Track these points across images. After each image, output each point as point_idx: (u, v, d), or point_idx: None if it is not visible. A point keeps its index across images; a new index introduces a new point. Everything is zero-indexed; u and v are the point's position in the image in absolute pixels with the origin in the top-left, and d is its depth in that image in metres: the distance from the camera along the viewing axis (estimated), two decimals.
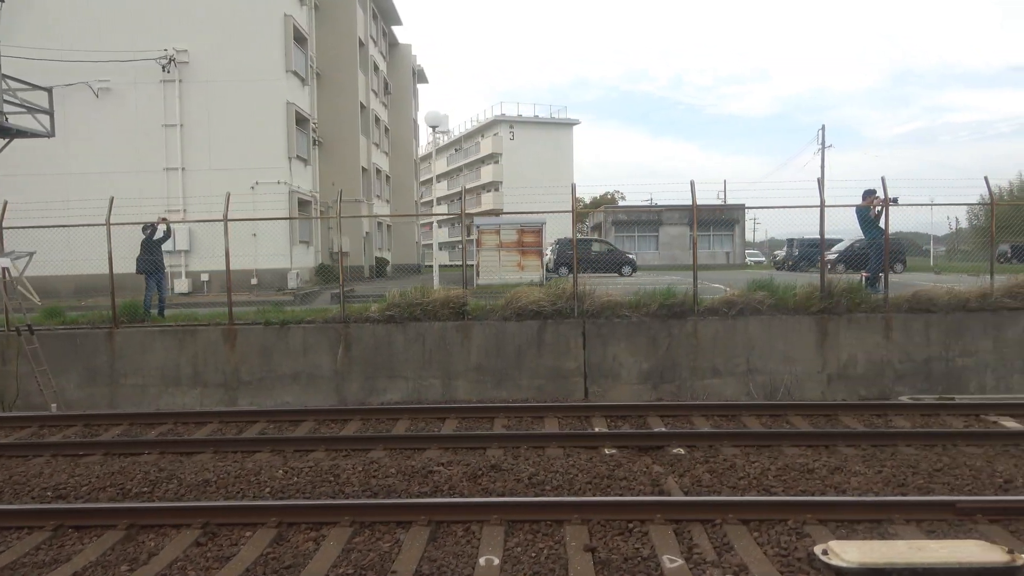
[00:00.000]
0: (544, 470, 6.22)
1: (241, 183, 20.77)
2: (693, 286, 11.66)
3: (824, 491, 5.61)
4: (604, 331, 11.41)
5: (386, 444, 7.21)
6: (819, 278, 11.74)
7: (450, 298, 11.66)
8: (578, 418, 8.36)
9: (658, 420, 8.16)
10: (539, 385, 11.43)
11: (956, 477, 5.85)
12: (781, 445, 6.87)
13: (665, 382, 11.32)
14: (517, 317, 11.54)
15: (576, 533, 4.87)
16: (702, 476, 6.00)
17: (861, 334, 11.25)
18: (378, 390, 11.63)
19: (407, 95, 45.04)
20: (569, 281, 11.90)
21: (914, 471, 5.99)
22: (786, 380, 11.19)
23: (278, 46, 21.49)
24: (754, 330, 11.30)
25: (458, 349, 11.55)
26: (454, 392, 11.51)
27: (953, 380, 11.30)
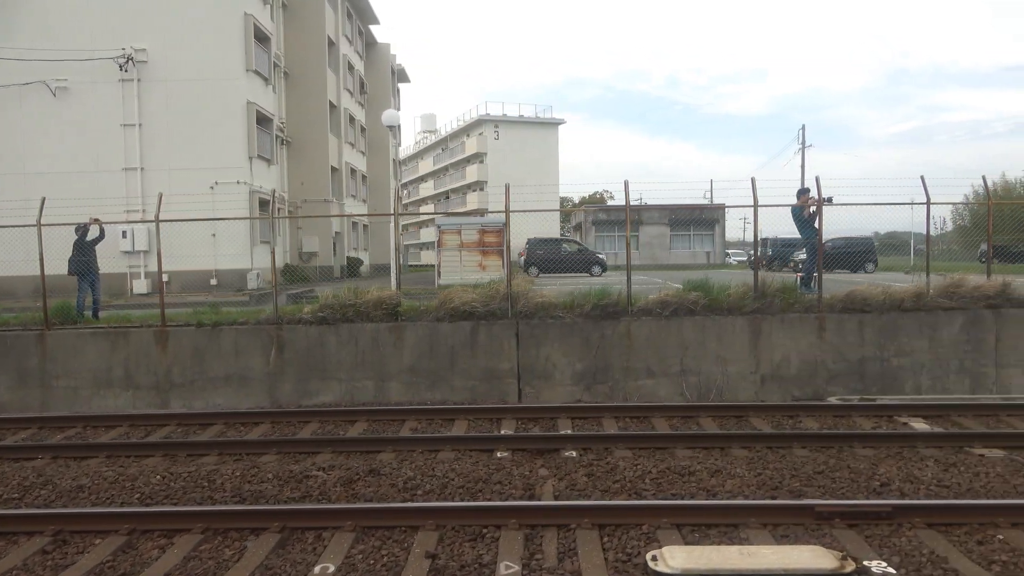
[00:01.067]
0: (423, 474, 6.13)
1: (201, 183, 20.67)
2: (626, 287, 11.58)
3: (695, 494, 5.53)
4: (538, 332, 11.31)
5: (280, 448, 7.11)
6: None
7: (383, 299, 11.54)
8: (489, 420, 8.28)
9: (568, 422, 8.09)
10: (472, 386, 11.32)
11: (834, 480, 5.78)
12: (675, 447, 6.79)
13: (598, 383, 11.23)
14: (450, 318, 11.43)
15: (425, 539, 4.78)
16: (579, 479, 5.91)
17: (794, 334, 11.18)
18: (311, 392, 11.51)
19: (386, 95, 44.85)
20: (503, 281, 11.81)
21: (794, 474, 5.91)
22: (719, 381, 11.11)
23: (238, 45, 21.33)
24: (688, 331, 11.22)
25: (391, 350, 11.43)
26: (387, 394, 11.39)
27: (888, 380, 11.24)
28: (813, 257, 12.16)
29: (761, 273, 12.50)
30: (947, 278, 11.80)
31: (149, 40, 20.93)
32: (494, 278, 20.39)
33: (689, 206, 47.31)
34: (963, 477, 5.80)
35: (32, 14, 20.83)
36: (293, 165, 28.53)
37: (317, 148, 28.63)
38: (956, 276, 11.84)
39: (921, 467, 6.05)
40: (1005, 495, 5.43)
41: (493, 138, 70.99)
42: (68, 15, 20.90)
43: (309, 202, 28.24)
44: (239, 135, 21.54)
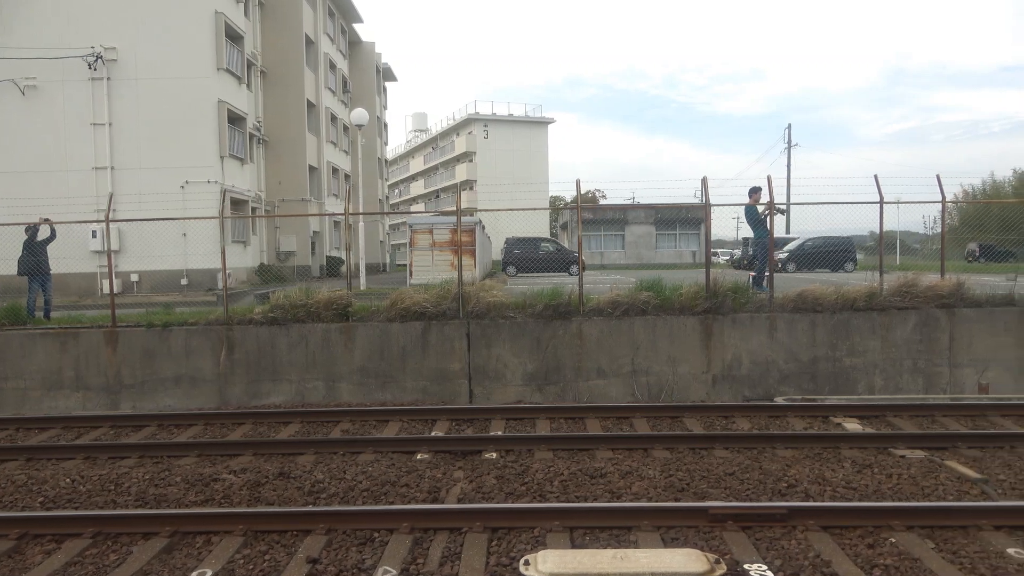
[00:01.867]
0: (333, 477, 6.06)
1: (171, 182, 20.58)
2: (578, 287, 11.53)
3: (599, 496, 5.47)
4: (489, 332, 11.25)
5: (201, 450, 7.03)
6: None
7: (333, 299, 11.46)
8: (423, 422, 8.22)
9: (502, 424, 8.03)
10: (424, 387, 11.25)
11: (743, 482, 5.73)
12: (598, 449, 6.74)
13: (550, 383, 11.17)
14: (401, 318, 11.36)
15: (313, 544, 4.71)
16: (488, 482, 5.85)
17: (746, 334, 11.14)
18: (261, 393, 11.43)
19: (370, 93, 44.75)
20: (454, 281, 11.75)
21: (705, 476, 5.86)
22: (670, 381, 11.07)
23: (208, 44, 21.20)
24: (639, 331, 11.17)
25: (342, 351, 11.36)
26: (338, 395, 11.32)
27: (841, 381, 11.21)
28: (764, 256, 12.11)
29: (716, 272, 12.49)
30: (901, 278, 11.77)
31: (119, 39, 20.79)
32: (466, 277, 20.41)
33: (674, 205, 47.23)
34: (875, 479, 5.75)
35: (0, 13, 20.69)
36: (271, 164, 28.42)
37: (295, 147, 28.53)
38: (910, 276, 11.81)
39: (835, 469, 6.00)
40: (911, 497, 5.38)
41: (482, 137, 70.90)
42: (37, 14, 20.76)
43: (287, 201, 28.14)
44: (210, 134, 21.41)
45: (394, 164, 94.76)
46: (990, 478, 5.75)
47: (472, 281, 19.60)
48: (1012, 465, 6.06)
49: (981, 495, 5.43)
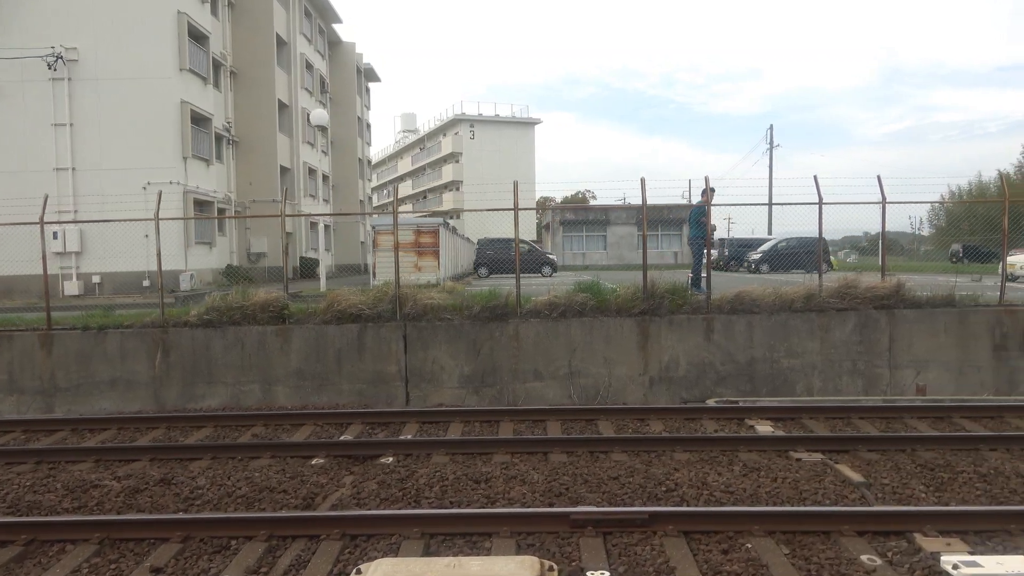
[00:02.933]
0: (214, 484, 5.98)
1: (133, 183, 20.42)
2: (516, 288, 11.46)
3: (474, 501, 5.40)
4: (425, 334, 11.17)
5: (99, 456, 6.94)
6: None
7: (269, 301, 11.37)
8: (335, 425, 8.15)
9: (415, 427, 7.96)
10: (360, 390, 11.16)
11: (624, 486, 5.67)
12: (495, 452, 6.67)
13: (486, 386, 11.10)
14: (337, 321, 11.27)
15: (166, 552, 4.64)
16: (368, 487, 5.77)
17: (682, 335, 11.09)
18: (197, 396, 11.32)
19: (351, 94, 44.66)
20: (391, 283, 11.67)
21: (587, 480, 5.80)
22: (607, 383, 11.01)
23: (170, 44, 21.05)
24: (576, 332, 11.10)
25: (278, 354, 11.26)
26: (274, 397, 11.22)
27: (779, 382, 11.16)
28: (700, 257, 12.06)
29: (668, 273, 12.45)
30: (840, 279, 11.73)
31: (80, 39, 20.64)
32: (430, 279, 20.34)
33: (657, 206, 47.27)
34: (758, 482, 5.70)
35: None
36: (242, 165, 28.29)
37: (266, 148, 28.40)
38: (849, 276, 11.77)
39: (722, 472, 5.94)
40: (788, 501, 5.33)
41: (468, 138, 70.90)
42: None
43: (258, 202, 28.01)
44: (172, 135, 21.27)
45: (383, 165, 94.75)
46: (874, 482, 5.70)
47: (438, 282, 19.60)
48: (902, 468, 6.01)
49: (860, 499, 5.38)
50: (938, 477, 5.75)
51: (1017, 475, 5.75)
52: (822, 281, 11.67)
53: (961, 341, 11.46)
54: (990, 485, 5.58)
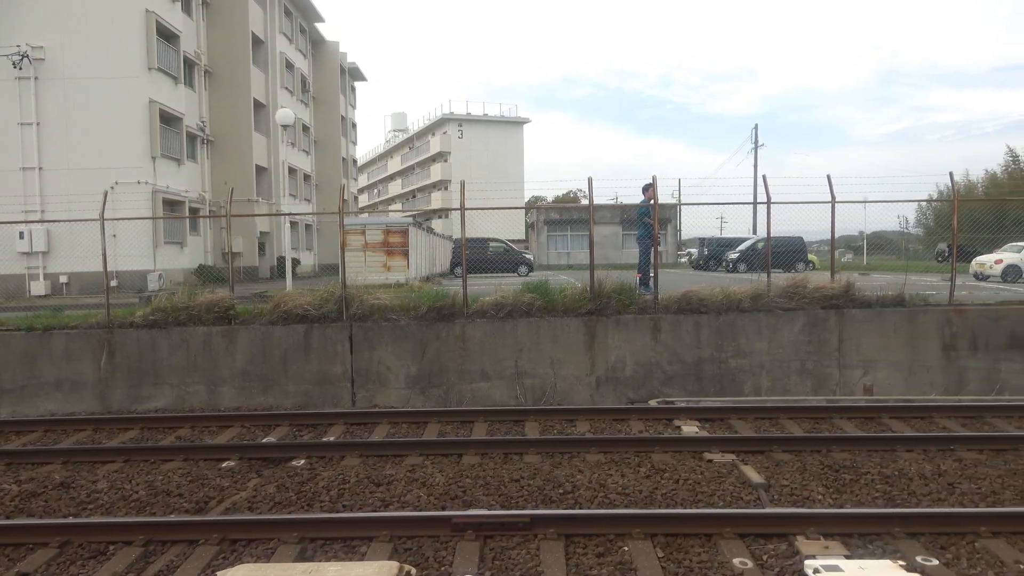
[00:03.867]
0: (114, 487, 5.92)
1: (101, 183, 20.20)
2: (463, 288, 11.41)
3: (365, 505, 5.35)
4: (372, 335, 11.11)
5: (11, 459, 6.86)
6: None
7: (215, 302, 11.29)
8: (263, 427, 8.08)
9: (341, 429, 7.91)
10: (306, 391, 11.09)
11: (522, 488, 5.62)
12: (409, 455, 6.62)
13: (433, 386, 11.04)
14: (284, 321, 11.20)
15: (41, 557, 4.57)
16: (268, 491, 5.72)
17: (629, 336, 11.05)
18: (142, 397, 11.23)
19: (334, 93, 44.55)
20: (339, 283, 11.60)
21: (487, 483, 5.75)
22: (555, 383, 10.96)
23: (138, 43, 20.93)
24: (523, 332, 11.05)
25: (223, 354, 11.19)
26: (219, 399, 11.14)
27: (727, 382, 11.13)
28: (648, 256, 12.02)
29: (614, 273, 12.39)
30: (789, 278, 11.71)
31: (46, 38, 20.50)
32: (399, 279, 20.26)
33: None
34: (658, 484, 5.66)
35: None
36: (217, 164, 28.17)
37: (241, 147, 28.28)
38: (798, 276, 11.76)
39: (625, 474, 5.90)
40: (680, 503, 5.29)
41: (457, 137, 70.75)
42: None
43: (234, 201, 27.80)
44: (140, 134, 21.15)
45: (373, 164, 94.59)
46: (774, 483, 5.67)
47: (407, 282, 19.52)
48: (808, 469, 5.98)
49: (755, 500, 5.35)
50: (841, 478, 5.71)
51: (920, 476, 5.73)
52: (771, 281, 11.65)
53: (911, 341, 11.45)
54: (891, 487, 5.54)
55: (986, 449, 6.54)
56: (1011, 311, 11.62)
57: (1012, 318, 11.55)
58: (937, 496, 5.35)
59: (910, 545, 4.46)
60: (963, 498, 5.31)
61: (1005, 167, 53.21)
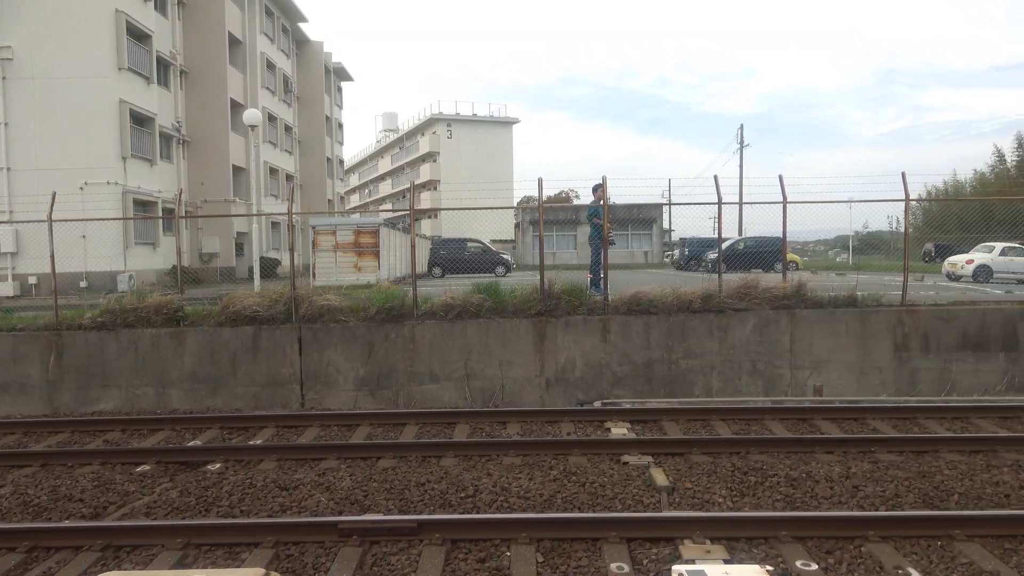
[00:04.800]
0: (17, 492, 5.86)
1: (70, 183, 20.15)
2: (413, 289, 11.37)
3: (258, 510, 5.30)
4: (320, 336, 11.06)
5: None
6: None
7: (163, 304, 11.23)
8: (192, 430, 8.04)
9: (271, 432, 7.86)
10: (255, 393, 11.04)
11: (427, 492, 5.58)
12: (326, 459, 6.57)
13: (382, 388, 10.99)
14: (232, 323, 11.14)
15: None
16: (170, 495, 5.67)
17: (579, 337, 11.01)
18: (91, 400, 11.16)
19: (319, 93, 44.45)
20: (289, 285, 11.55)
21: (391, 486, 5.71)
22: (504, 385, 10.92)
23: (108, 43, 20.82)
24: (472, 334, 11.01)
25: (172, 356, 11.13)
26: (168, 401, 11.08)
27: (677, 383, 11.10)
28: (598, 257, 11.99)
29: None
30: (740, 279, 11.70)
31: (14, 37, 20.39)
32: (370, 280, 20.19)
33: (626, 205, 47.28)
34: (561, 488, 5.62)
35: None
36: (194, 164, 28.08)
37: (218, 147, 28.16)
38: (750, 277, 11.73)
39: (533, 476, 5.87)
40: (580, 507, 5.25)
41: (446, 137, 70.64)
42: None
43: (210, 202, 27.81)
44: (110, 134, 21.04)
45: (364, 164, 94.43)
46: (679, 486, 5.64)
47: (377, 283, 19.44)
48: (717, 472, 5.95)
49: (656, 504, 5.32)
50: (747, 481, 5.69)
51: (827, 479, 5.70)
52: (722, 281, 11.62)
53: (862, 341, 11.44)
54: (794, 489, 5.52)
55: (906, 451, 6.52)
56: (962, 311, 11.62)
57: (963, 318, 11.55)
58: (838, 499, 5.33)
59: (794, 549, 4.43)
60: (864, 501, 5.28)
61: (992, 167, 53.33)
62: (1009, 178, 45.04)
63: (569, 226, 47.93)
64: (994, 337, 11.59)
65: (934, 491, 5.44)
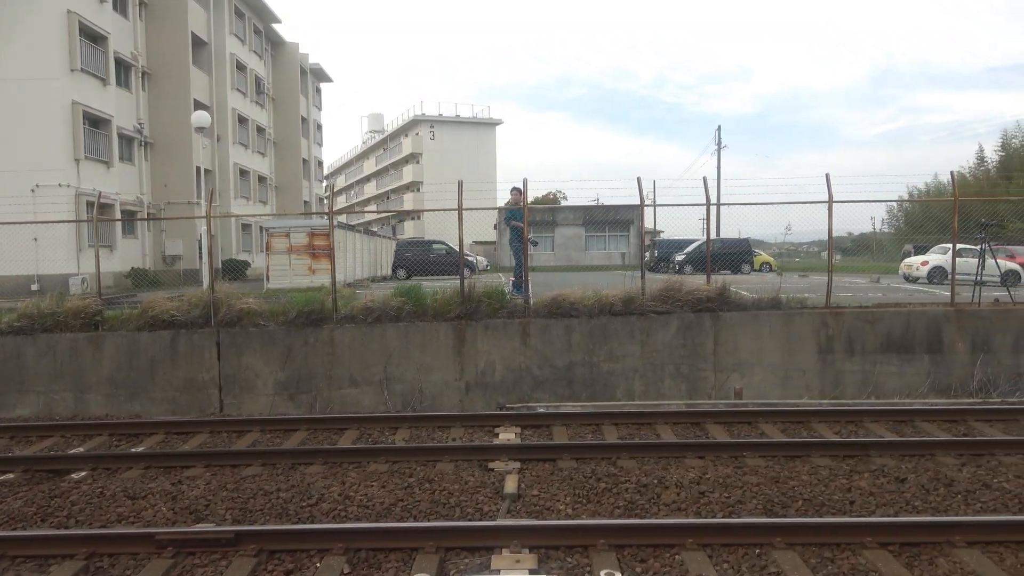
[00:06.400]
0: None
1: (21, 185, 20.06)
2: (332, 293, 11.30)
3: (100, 519, 5.23)
4: (239, 341, 10.98)
5: None
6: None
7: (81, 308, 11.15)
8: (83, 437, 7.94)
9: (158, 439, 7.78)
10: (174, 398, 10.96)
11: (270, 501, 5.52)
12: (194, 466, 6.50)
13: (302, 392, 10.93)
14: (151, 327, 11.06)
15: None
16: (14, 505, 5.59)
17: (499, 340, 10.96)
18: (7, 405, 11.05)
19: (294, 94, 44.31)
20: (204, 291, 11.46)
21: (236, 495, 5.64)
22: (423, 389, 10.87)
23: (60, 44, 20.69)
24: (392, 338, 10.95)
25: (90, 361, 11.04)
26: (87, 406, 10.99)
27: (599, 386, 11.07)
28: (519, 259, 11.95)
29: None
30: (663, 281, 11.68)
31: None
32: (324, 282, 20.10)
33: (604, 206, 47.26)
34: (407, 495, 5.57)
35: None
36: (157, 166, 27.94)
37: (183, 149, 28.02)
38: (673, 279, 11.72)
39: (386, 484, 5.81)
40: (419, 515, 5.20)
41: (429, 138, 70.60)
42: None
43: (173, 204, 27.69)
44: (62, 136, 20.91)
45: (350, 166, 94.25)
46: (527, 493, 5.59)
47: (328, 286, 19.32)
48: (573, 478, 5.90)
49: (497, 510, 5.27)
50: (597, 487, 5.64)
51: (677, 485, 5.66)
52: (645, 284, 11.59)
53: (787, 344, 11.43)
54: (640, 496, 5.48)
55: (778, 456, 6.49)
56: (886, 313, 11.63)
57: (888, 321, 11.56)
58: (679, 506, 5.29)
59: (607, 558, 4.39)
60: (707, 507, 5.24)
61: (971, 169, 53.57)
62: (988, 179, 45.27)
63: (546, 228, 47.89)
64: (919, 339, 11.60)
65: (780, 497, 5.40)
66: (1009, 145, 45.03)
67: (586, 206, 46.14)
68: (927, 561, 4.39)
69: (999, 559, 4.42)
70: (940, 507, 5.29)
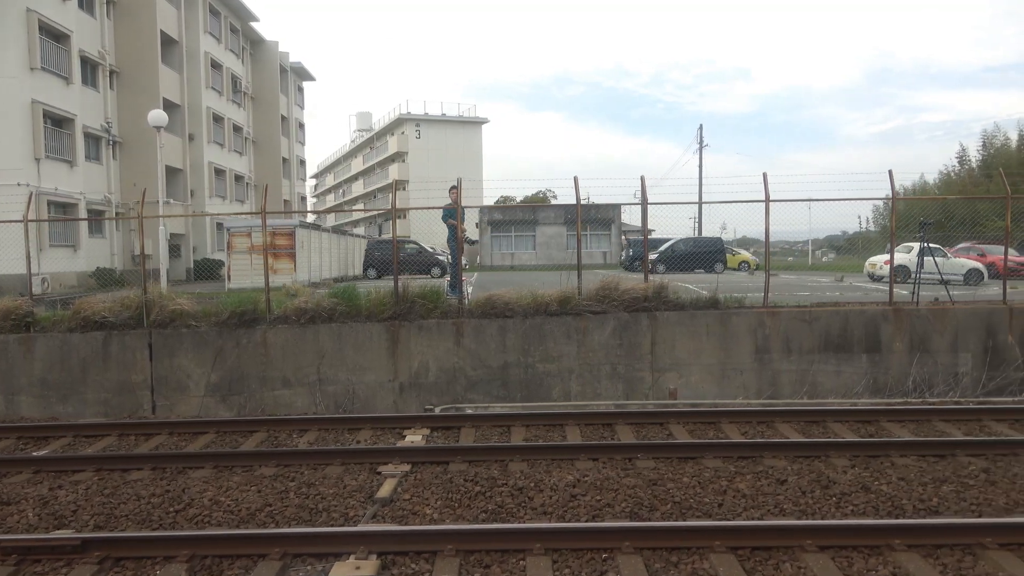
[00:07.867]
0: None
1: None
2: (266, 294, 11.25)
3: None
4: (172, 342, 10.92)
5: None
6: None
7: (11, 309, 11.07)
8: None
9: (64, 442, 7.73)
10: (105, 399, 10.90)
11: (141, 506, 5.47)
12: (85, 470, 6.45)
13: (234, 394, 10.88)
14: (83, 328, 10.99)
15: None
16: None
17: (432, 341, 10.93)
18: None
19: (274, 92, 44.14)
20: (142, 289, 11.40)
21: (108, 501, 5.59)
22: (357, 390, 10.83)
23: (18, 42, 20.53)
24: (325, 338, 10.91)
25: (21, 363, 10.97)
26: (17, 408, 10.93)
27: (534, 387, 11.05)
28: (455, 259, 11.91)
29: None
30: (600, 281, 11.65)
31: None
32: (285, 282, 20.02)
33: (586, 205, 47.22)
34: (278, 499, 5.53)
35: None
36: (127, 165, 27.79)
37: (152, 148, 27.83)
38: (610, 279, 11.70)
39: (262, 489, 5.77)
40: (286, 520, 5.16)
41: (414, 137, 70.48)
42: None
43: (148, 203, 27.48)
44: (21, 135, 20.76)
45: (338, 165, 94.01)
46: (399, 498, 5.55)
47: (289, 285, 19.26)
48: (451, 484, 5.84)
49: (372, 517, 5.23)
50: (471, 491, 5.61)
51: (552, 488, 5.63)
52: (581, 284, 11.57)
53: (724, 343, 11.42)
54: (512, 499, 5.45)
55: (673, 458, 6.47)
56: (823, 313, 11.63)
57: (825, 320, 11.56)
58: (548, 509, 5.26)
59: (450, 564, 4.36)
60: (572, 511, 5.22)
61: (947, 172, 53.59)
62: (971, 178, 45.40)
63: (527, 226, 47.85)
64: (857, 339, 11.61)
65: (650, 500, 5.38)
66: (991, 145, 45.20)
67: (566, 205, 45.98)
68: (772, 566, 4.37)
69: (847, 564, 4.40)
70: (810, 510, 5.28)
